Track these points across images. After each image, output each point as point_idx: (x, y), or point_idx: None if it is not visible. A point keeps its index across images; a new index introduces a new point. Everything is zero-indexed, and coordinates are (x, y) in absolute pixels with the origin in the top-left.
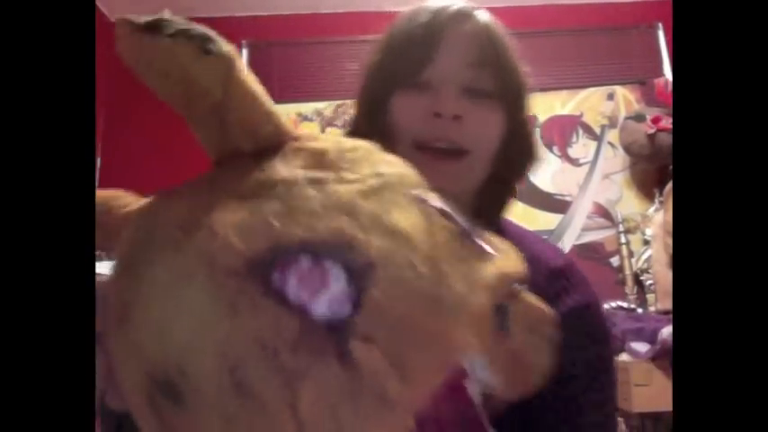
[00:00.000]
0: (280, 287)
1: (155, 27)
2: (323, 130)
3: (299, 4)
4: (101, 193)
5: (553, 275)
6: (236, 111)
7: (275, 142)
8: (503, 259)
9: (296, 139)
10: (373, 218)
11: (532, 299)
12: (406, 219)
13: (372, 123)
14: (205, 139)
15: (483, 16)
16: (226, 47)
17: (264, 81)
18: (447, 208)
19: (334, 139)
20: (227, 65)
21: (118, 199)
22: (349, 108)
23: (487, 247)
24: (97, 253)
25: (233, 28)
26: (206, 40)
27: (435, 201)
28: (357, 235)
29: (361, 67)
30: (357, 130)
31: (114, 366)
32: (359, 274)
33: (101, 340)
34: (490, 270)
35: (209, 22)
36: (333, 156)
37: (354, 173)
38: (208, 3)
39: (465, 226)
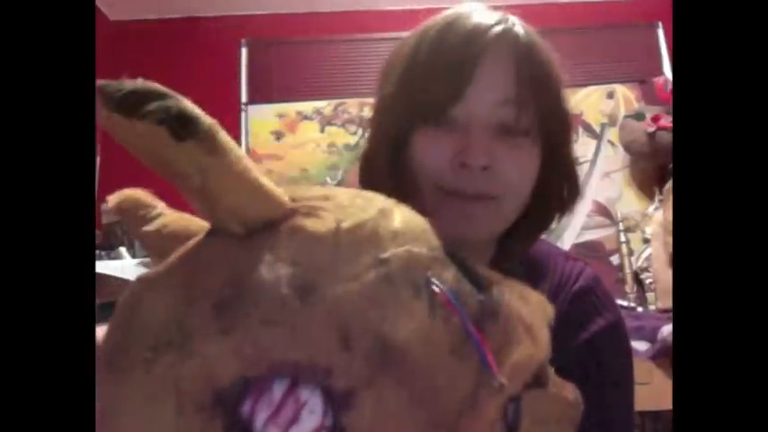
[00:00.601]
0: (248, 422)
1: (126, 107)
2: (322, 129)
3: (299, 3)
4: (131, 193)
5: (577, 298)
6: (219, 195)
7: (268, 221)
8: (523, 348)
9: (292, 213)
10: (364, 330)
11: (556, 383)
12: (403, 324)
13: (390, 162)
14: (199, 213)
15: (525, 35)
16: (204, 126)
17: (264, 80)
18: (454, 300)
19: (334, 214)
20: (204, 149)
21: (148, 208)
22: (349, 107)
23: (488, 359)
24: (97, 252)
25: (232, 26)
26: (180, 122)
27: (443, 289)
28: (340, 357)
29: (378, 93)
30: (372, 164)
31: None
32: (337, 404)
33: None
34: (502, 369)
35: (209, 21)
36: (329, 243)
37: (352, 264)
38: (208, 2)
39: (469, 326)
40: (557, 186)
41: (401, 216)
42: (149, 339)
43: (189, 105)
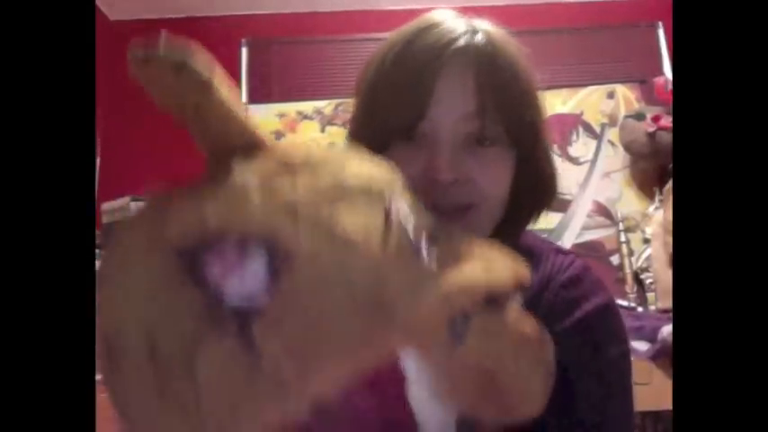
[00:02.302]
0: (202, 272)
1: (148, 56)
2: (323, 129)
3: (299, 3)
4: None
5: (565, 286)
6: (212, 116)
7: (249, 145)
8: (476, 269)
9: (271, 148)
10: (312, 219)
11: (517, 314)
12: (353, 224)
13: None
14: (194, 138)
15: (486, 45)
16: (202, 62)
17: (264, 79)
18: (406, 219)
19: (309, 150)
20: (201, 77)
21: None
22: (349, 107)
23: (429, 264)
24: (97, 252)
25: (232, 26)
26: (184, 58)
27: (397, 210)
28: (286, 229)
29: (353, 106)
30: None
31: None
32: (279, 266)
33: None
34: (450, 280)
35: (209, 20)
36: (297, 163)
37: (314, 179)
38: (208, 2)
39: (417, 241)
40: (531, 187)
41: (369, 161)
42: (142, 218)
43: (189, 50)
